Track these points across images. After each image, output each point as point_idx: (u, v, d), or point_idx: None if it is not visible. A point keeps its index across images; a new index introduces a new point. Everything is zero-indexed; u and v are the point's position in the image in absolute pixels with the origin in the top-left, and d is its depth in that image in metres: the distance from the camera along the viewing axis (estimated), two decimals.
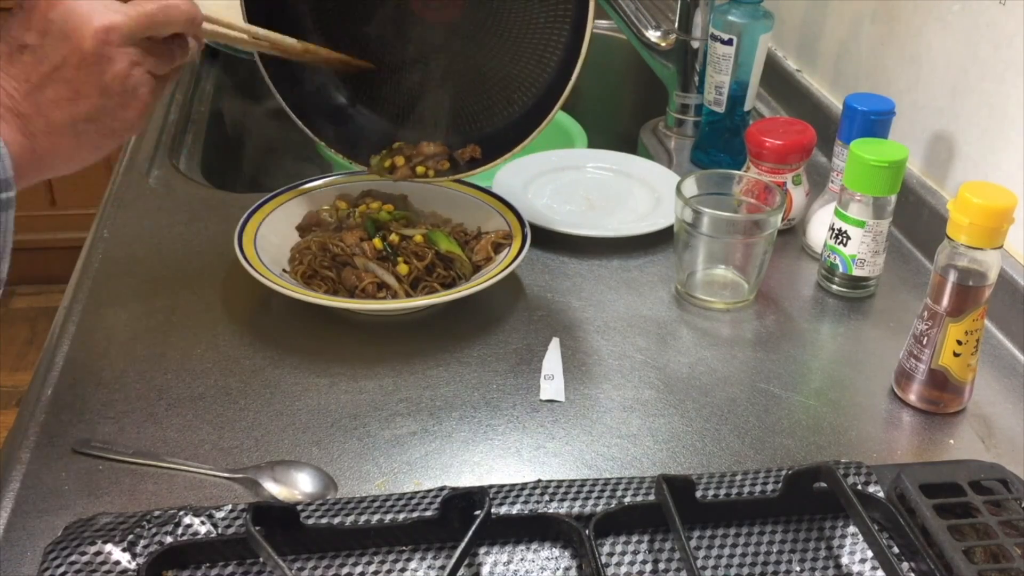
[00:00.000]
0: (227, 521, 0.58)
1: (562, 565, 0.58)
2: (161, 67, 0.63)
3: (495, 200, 0.90)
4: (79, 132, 0.59)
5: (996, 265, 0.70)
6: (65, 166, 0.61)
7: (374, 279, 0.80)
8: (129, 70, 0.60)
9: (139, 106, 0.62)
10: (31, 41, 0.57)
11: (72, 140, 0.60)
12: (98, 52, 0.58)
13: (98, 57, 0.58)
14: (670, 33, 1.17)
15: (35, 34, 0.57)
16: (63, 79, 0.58)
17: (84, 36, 0.57)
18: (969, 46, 0.90)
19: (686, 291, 0.87)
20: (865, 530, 0.57)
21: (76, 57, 0.57)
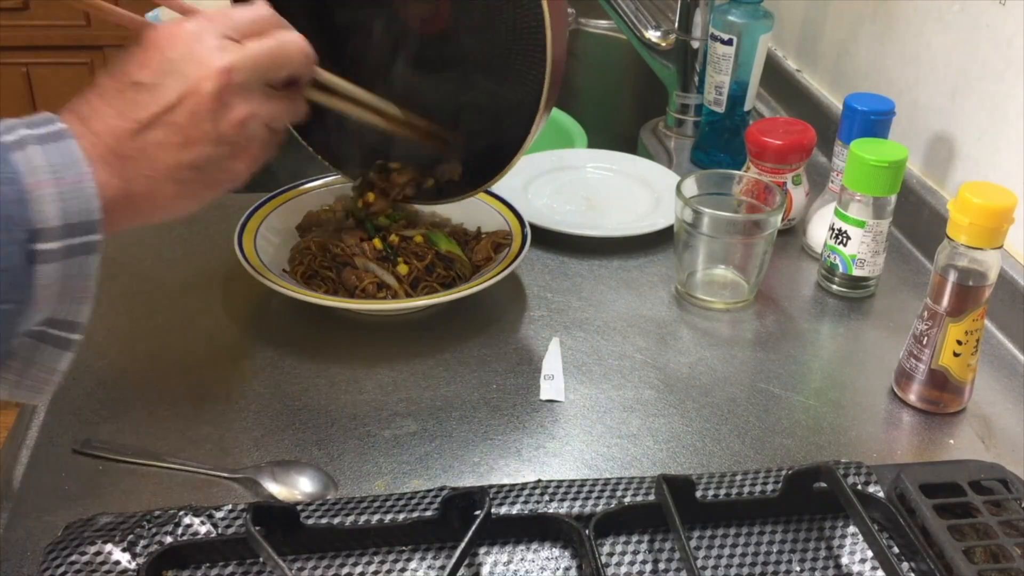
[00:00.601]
0: (227, 521, 0.58)
1: (562, 565, 0.58)
2: (277, 119, 0.59)
3: (495, 200, 0.90)
4: (181, 180, 0.55)
5: (996, 265, 0.70)
6: (159, 214, 0.57)
7: (374, 279, 0.80)
8: (246, 119, 0.56)
9: (249, 159, 0.58)
10: (145, 79, 0.53)
11: (172, 188, 0.55)
12: (217, 96, 0.54)
13: (217, 102, 0.54)
14: (670, 33, 1.17)
15: (151, 72, 0.54)
16: (174, 123, 0.54)
17: (204, 77, 0.54)
18: (969, 46, 0.90)
19: (686, 291, 0.87)
20: (865, 530, 0.57)
21: (193, 100, 0.54)
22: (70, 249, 0.50)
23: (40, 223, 0.48)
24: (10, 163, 0.48)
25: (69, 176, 0.50)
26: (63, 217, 0.49)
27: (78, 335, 0.54)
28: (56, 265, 0.49)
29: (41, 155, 0.49)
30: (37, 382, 0.54)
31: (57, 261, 0.49)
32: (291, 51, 0.59)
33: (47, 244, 0.49)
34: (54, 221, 0.49)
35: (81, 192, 0.50)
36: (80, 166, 0.50)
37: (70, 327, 0.53)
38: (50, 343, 0.53)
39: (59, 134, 0.50)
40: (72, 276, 0.50)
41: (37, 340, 0.53)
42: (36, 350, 0.53)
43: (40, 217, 0.48)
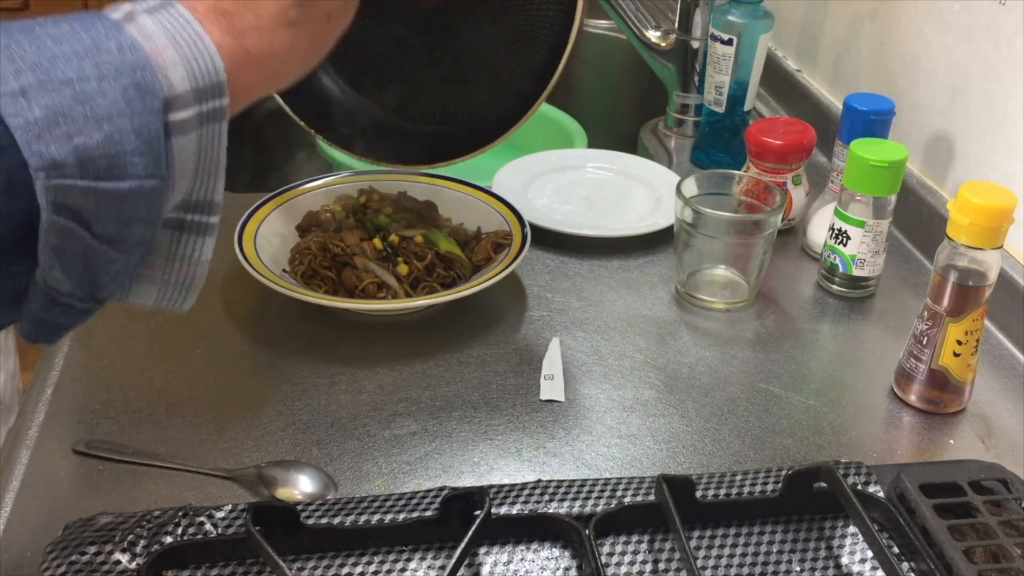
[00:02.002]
0: (227, 521, 0.58)
1: (562, 565, 0.58)
2: None
3: (495, 200, 0.90)
4: (291, 21, 0.52)
5: (996, 265, 0.70)
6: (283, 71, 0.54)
7: (374, 279, 0.80)
8: None
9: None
10: None
11: (285, 34, 0.52)
12: None
13: None
14: (670, 33, 1.17)
15: None
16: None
17: None
18: (969, 46, 0.90)
19: (686, 291, 0.87)
20: (865, 530, 0.57)
21: None
22: (202, 117, 0.47)
23: (169, 90, 0.45)
24: (126, 33, 0.45)
25: (186, 38, 0.46)
26: (191, 80, 0.46)
27: (215, 217, 0.50)
28: (191, 136, 0.46)
29: (153, 23, 0.46)
30: (184, 277, 0.50)
31: (192, 131, 0.46)
32: None
33: (180, 113, 0.46)
34: (183, 86, 0.45)
35: (202, 52, 0.47)
36: (193, 26, 0.47)
37: (208, 208, 0.50)
38: (189, 231, 0.50)
39: (164, 2, 0.47)
40: (206, 147, 0.48)
41: (176, 230, 0.49)
42: (177, 241, 0.50)
43: (168, 83, 0.45)
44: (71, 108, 0.41)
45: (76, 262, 0.43)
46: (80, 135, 0.41)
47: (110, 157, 0.42)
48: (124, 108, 0.43)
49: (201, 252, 0.50)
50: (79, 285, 0.44)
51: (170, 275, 0.50)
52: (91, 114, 0.42)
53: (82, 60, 0.43)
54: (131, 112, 0.43)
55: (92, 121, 0.42)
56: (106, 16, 0.45)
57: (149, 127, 0.44)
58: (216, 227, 0.51)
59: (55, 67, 0.42)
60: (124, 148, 0.43)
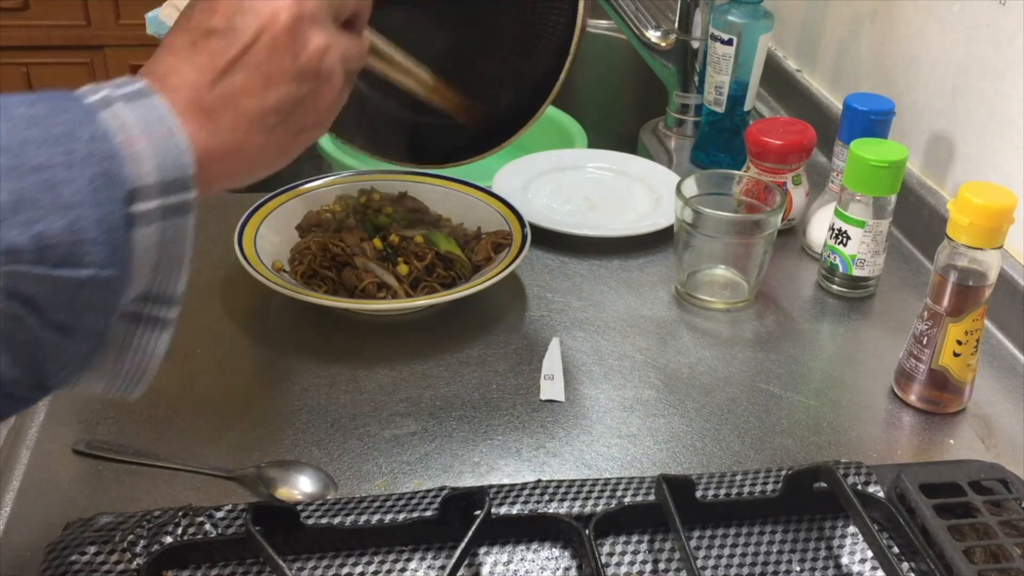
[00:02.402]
0: (227, 521, 0.58)
1: (562, 565, 0.58)
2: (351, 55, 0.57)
3: (495, 200, 0.90)
4: (268, 127, 0.53)
5: (996, 265, 0.70)
6: (248, 170, 0.54)
7: (374, 279, 0.80)
8: (324, 50, 0.54)
9: (331, 96, 0.56)
10: (217, 25, 0.51)
11: (260, 137, 0.52)
12: (293, 27, 0.52)
13: (293, 35, 0.52)
14: (670, 33, 1.17)
15: (221, 17, 0.51)
16: (253, 64, 0.51)
17: (277, 10, 0.52)
18: (969, 46, 0.90)
19: (686, 291, 0.87)
20: (865, 530, 0.57)
21: (269, 36, 0.51)
22: (167, 209, 0.46)
23: (136, 181, 0.45)
24: (99, 121, 0.45)
25: (159, 130, 0.47)
26: (159, 173, 0.46)
27: (174, 311, 0.50)
28: (155, 227, 0.46)
29: (128, 111, 0.46)
30: (135, 369, 0.49)
31: (156, 223, 0.46)
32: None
33: (144, 204, 0.45)
34: (150, 178, 0.45)
35: (173, 146, 0.47)
36: (169, 119, 0.47)
37: (166, 301, 0.49)
38: (145, 324, 0.49)
39: (143, 91, 0.48)
40: (169, 240, 0.47)
41: (132, 322, 0.49)
42: (132, 333, 0.49)
43: (136, 174, 0.45)
44: (37, 195, 0.41)
45: (24, 350, 0.43)
46: (42, 222, 0.41)
47: (69, 245, 0.42)
48: (89, 197, 0.43)
49: (156, 345, 0.50)
50: (26, 373, 0.43)
51: (122, 366, 0.49)
52: (56, 202, 0.42)
53: (54, 146, 0.43)
54: (95, 201, 0.43)
55: (56, 209, 0.42)
56: (81, 100, 0.45)
57: (111, 217, 0.44)
58: (174, 322, 0.50)
59: (26, 151, 0.42)
60: (85, 236, 0.42)
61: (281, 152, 0.55)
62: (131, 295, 0.47)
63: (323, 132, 0.57)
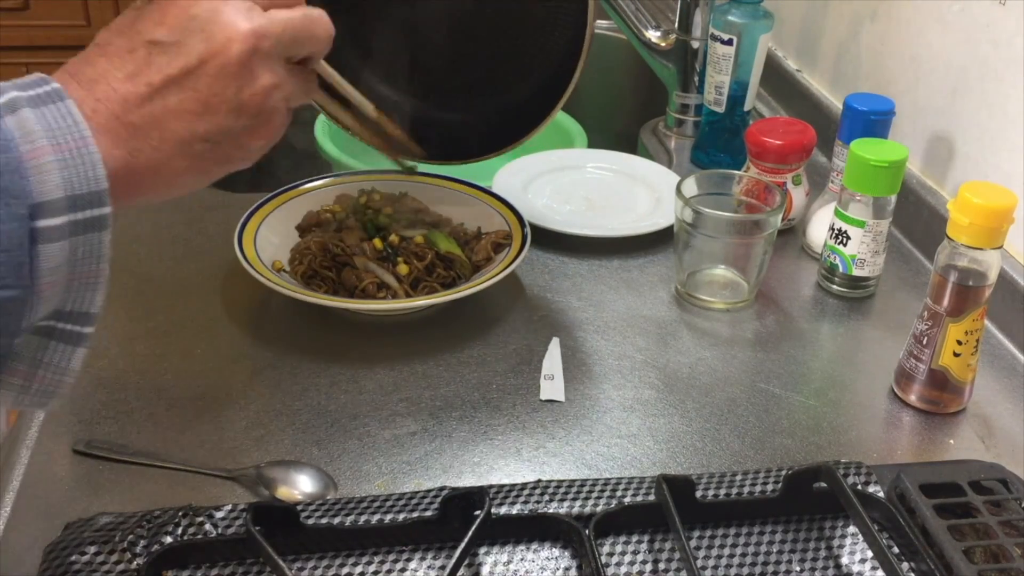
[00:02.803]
0: (227, 521, 0.58)
1: (562, 565, 0.58)
2: (297, 96, 0.55)
3: (495, 200, 0.90)
4: (192, 154, 0.50)
5: (996, 265, 0.70)
6: (161, 191, 0.51)
7: (374, 279, 0.80)
8: (270, 89, 0.51)
9: (267, 134, 0.53)
10: (163, 37, 0.48)
11: (182, 163, 0.50)
12: (243, 61, 0.49)
13: (242, 67, 0.50)
14: (670, 33, 1.17)
15: (169, 30, 0.48)
16: (193, 87, 0.49)
17: (232, 39, 0.49)
18: (969, 46, 0.90)
19: (686, 291, 0.87)
20: (865, 530, 0.57)
21: (217, 62, 0.49)
22: (76, 225, 0.44)
23: (41, 196, 0.42)
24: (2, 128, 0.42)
25: (69, 141, 0.44)
26: (66, 188, 0.43)
27: (90, 328, 0.47)
28: (62, 244, 0.44)
29: (35, 119, 0.43)
30: (47, 385, 0.47)
31: (63, 239, 0.44)
32: (317, 27, 0.55)
33: (50, 220, 0.43)
34: (56, 193, 0.43)
35: (84, 159, 0.44)
36: (80, 129, 0.44)
37: (81, 319, 0.47)
38: (59, 339, 0.47)
39: (54, 94, 0.45)
40: (80, 258, 0.45)
41: (44, 337, 0.47)
42: (44, 349, 0.47)
43: (40, 189, 0.42)
44: None
45: None
46: None
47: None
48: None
49: (70, 361, 0.47)
50: None
51: (32, 382, 0.47)
52: None
53: None
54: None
55: None
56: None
57: (12, 234, 0.41)
58: (90, 337, 0.48)
59: None
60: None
61: (200, 177, 0.53)
62: (40, 314, 0.45)
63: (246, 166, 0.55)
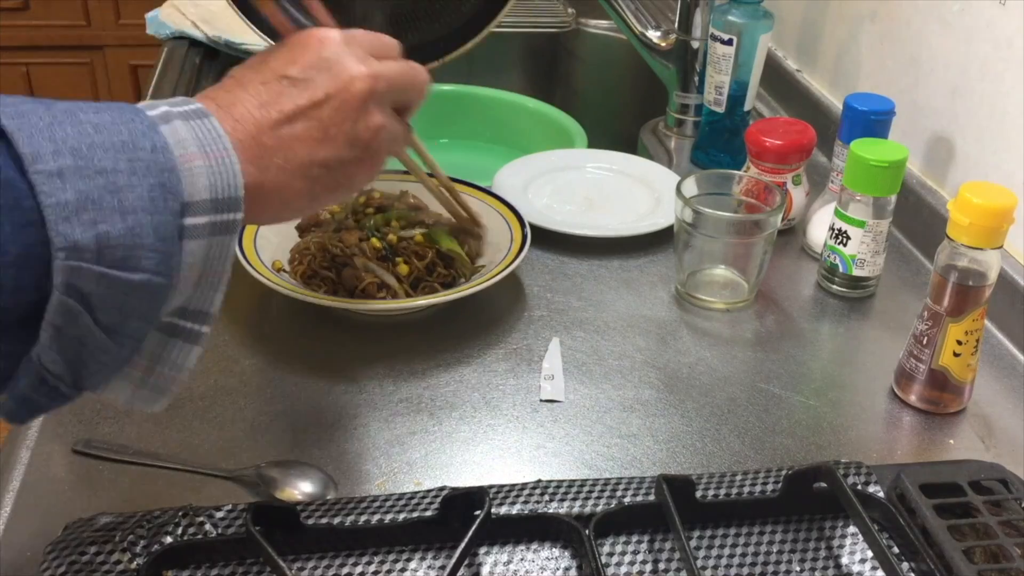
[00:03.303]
0: (227, 521, 0.58)
1: (562, 565, 0.58)
2: (398, 139, 0.61)
3: (495, 200, 0.90)
4: (311, 177, 0.56)
5: (996, 265, 0.70)
6: (281, 211, 0.57)
7: (374, 279, 0.80)
8: (381, 127, 0.58)
9: (371, 168, 0.59)
10: (295, 74, 0.55)
11: (301, 185, 0.55)
12: (363, 99, 0.56)
13: (362, 104, 0.56)
14: (670, 33, 1.17)
15: (301, 68, 0.55)
16: (318, 117, 0.55)
17: (355, 78, 0.56)
18: (969, 46, 0.90)
19: (686, 291, 0.87)
20: (865, 530, 0.57)
21: (341, 97, 0.56)
22: (215, 227, 0.48)
23: (191, 196, 0.47)
24: (160, 134, 0.47)
25: (214, 151, 0.49)
26: (211, 191, 0.48)
27: (208, 327, 0.51)
28: (201, 242, 0.48)
29: (187, 129, 0.48)
30: (163, 381, 0.51)
31: (203, 238, 0.48)
32: (418, 78, 0.61)
33: (195, 219, 0.47)
34: (203, 195, 0.48)
35: (226, 167, 0.49)
36: (224, 141, 0.50)
37: (202, 318, 0.51)
38: (180, 336, 0.50)
39: (200, 112, 0.50)
40: (212, 257, 0.49)
41: (166, 334, 0.50)
42: (165, 345, 0.50)
43: (191, 190, 0.47)
44: (101, 196, 0.43)
45: (72, 345, 0.44)
46: (105, 223, 0.43)
47: (127, 248, 0.44)
48: (148, 205, 0.45)
49: (187, 360, 0.51)
50: (69, 369, 0.45)
51: (151, 377, 0.50)
52: (118, 205, 0.44)
53: (118, 153, 0.45)
54: (153, 209, 0.45)
55: (118, 212, 0.44)
56: (143, 112, 0.47)
57: (167, 226, 0.46)
58: (207, 337, 0.51)
59: (93, 155, 0.44)
60: (142, 242, 0.44)
61: (312, 202, 0.58)
62: (172, 306, 0.49)
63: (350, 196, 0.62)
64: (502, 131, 1.26)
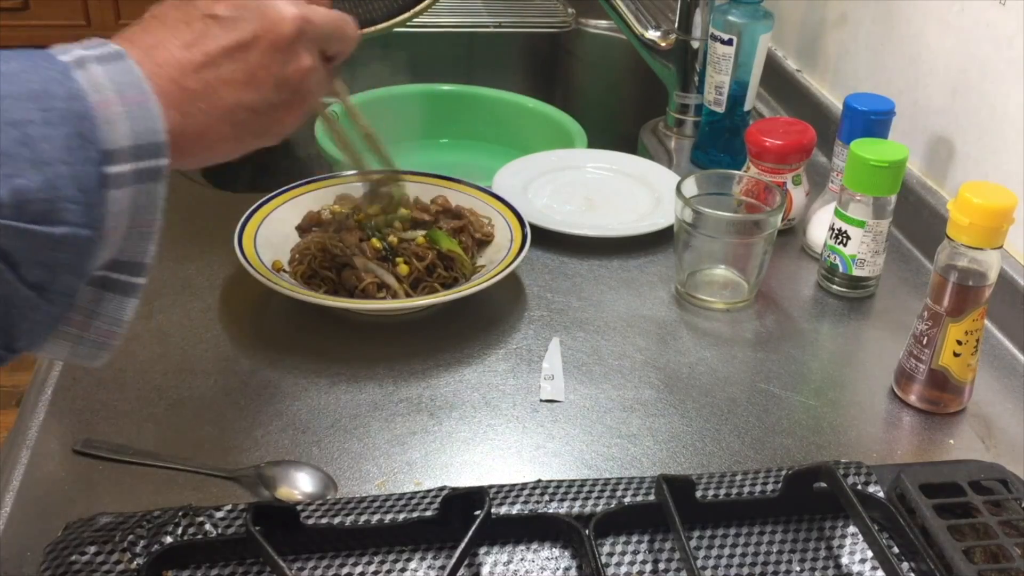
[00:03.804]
0: (227, 521, 0.58)
1: (562, 565, 0.58)
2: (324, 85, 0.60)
3: (495, 200, 0.90)
4: (236, 122, 0.54)
5: (996, 265, 0.70)
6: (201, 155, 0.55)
7: (374, 279, 0.80)
8: (309, 71, 0.56)
9: (298, 112, 0.58)
10: (222, 12, 0.53)
11: (226, 129, 0.54)
12: (292, 40, 0.55)
13: (290, 45, 0.55)
14: (670, 33, 1.17)
15: (228, 6, 0.53)
16: (244, 59, 0.53)
17: (284, 19, 0.54)
18: (969, 46, 0.90)
19: (686, 291, 0.87)
20: (865, 530, 0.57)
21: (269, 38, 0.54)
22: (139, 174, 0.47)
23: (110, 143, 0.45)
24: (74, 80, 0.45)
25: (133, 94, 0.47)
26: (133, 137, 0.46)
27: (143, 279, 0.50)
28: (127, 191, 0.46)
29: (103, 73, 0.46)
30: (101, 336, 0.49)
31: (128, 186, 0.46)
32: (348, 27, 0.60)
33: (118, 167, 0.46)
34: (124, 141, 0.46)
35: (147, 111, 0.47)
36: (143, 84, 0.48)
37: (135, 269, 0.49)
38: (114, 289, 0.49)
39: (117, 54, 0.48)
40: (140, 206, 0.47)
41: (99, 287, 0.49)
42: (99, 299, 0.49)
43: (111, 137, 0.45)
44: (15, 150, 0.42)
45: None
46: (20, 177, 0.42)
47: (47, 202, 0.42)
48: (65, 155, 0.43)
49: (123, 313, 0.50)
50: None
51: (88, 332, 0.49)
52: (34, 157, 0.42)
53: (31, 103, 0.43)
54: (71, 160, 0.43)
55: (33, 164, 0.42)
56: (56, 58, 0.46)
57: (87, 177, 0.44)
58: (142, 288, 0.50)
59: (2, 106, 0.42)
60: (61, 194, 0.43)
61: (238, 146, 0.56)
62: (102, 259, 0.48)
63: (274, 142, 0.59)
64: (502, 131, 1.26)
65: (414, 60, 1.32)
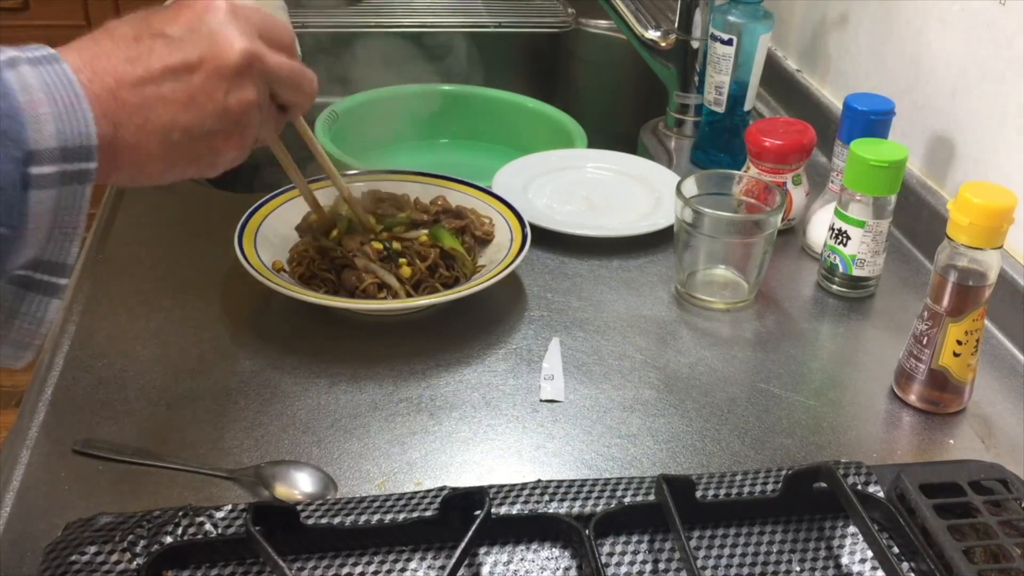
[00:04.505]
0: (227, 521, 0.58)
1: (562, 565, 0.58)
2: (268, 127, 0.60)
3: (495, 200, 0.90)
4: (170, 142, 0.53)
5: (996, 265, 0.70)
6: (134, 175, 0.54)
7: (375, 279, 0.80)
8: (253, 104, 0.56)
9: (239, 144, 0.57)
10: (172, 32, 0.53)
11: (157, 147, 0.53)
12: (238, 70, 0.54)
13: (236, 75, 0.54)
14: (670, 33, 1.17)
15: (179, 27, 0.53)
16: (187, 80, 0.53)
17: (233, 48, 0.54)
18: (969, 46, 0.90)
19: (686, 291, 0.87)
20: (865, 530, 0.57)
21: (214, 64, 0.54)
22: (65, 176, 0.47)
23: (36, 144, 0.45)
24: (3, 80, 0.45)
25: (63, 97, 0.47)
26: (59, 139, 0.46)
27: (65, 279, 0.49)
28: (50, 192, 0.46)
29: (34, 75, 0.46)
30: (23, 336, 0.49)
31: (52, 187, 0.46)
32: (305, 80, 0.60)
33: (42, 168, 0.45)
34: (50, 142, 0.46)
35: (76, 115, 0.47)
36: (74, 88, 0.47)
37: (57, 269, 0.49)
38: (36, 290, 0.49)
39: (51, 58, 0.48)
40: (64, 207, 0.47)
41: (21, 287, 0.49)
42: (21, 299, 0.49)
43: (36, 137, 0.45)
44: None
45: None
46: None
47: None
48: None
49: (45, 312, 0.50)
50: None
51: (9, 332, 0.49)
52: None
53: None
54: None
55: None
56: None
57: (8, 175, 0.44)
58: (65, 289, 0.50)
59: None
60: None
61: (170, 169, 0.55)
62: (22, 259, 0.47)
63: (211, 173, 0.58)
64: (502, 131, 1.26)
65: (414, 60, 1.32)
